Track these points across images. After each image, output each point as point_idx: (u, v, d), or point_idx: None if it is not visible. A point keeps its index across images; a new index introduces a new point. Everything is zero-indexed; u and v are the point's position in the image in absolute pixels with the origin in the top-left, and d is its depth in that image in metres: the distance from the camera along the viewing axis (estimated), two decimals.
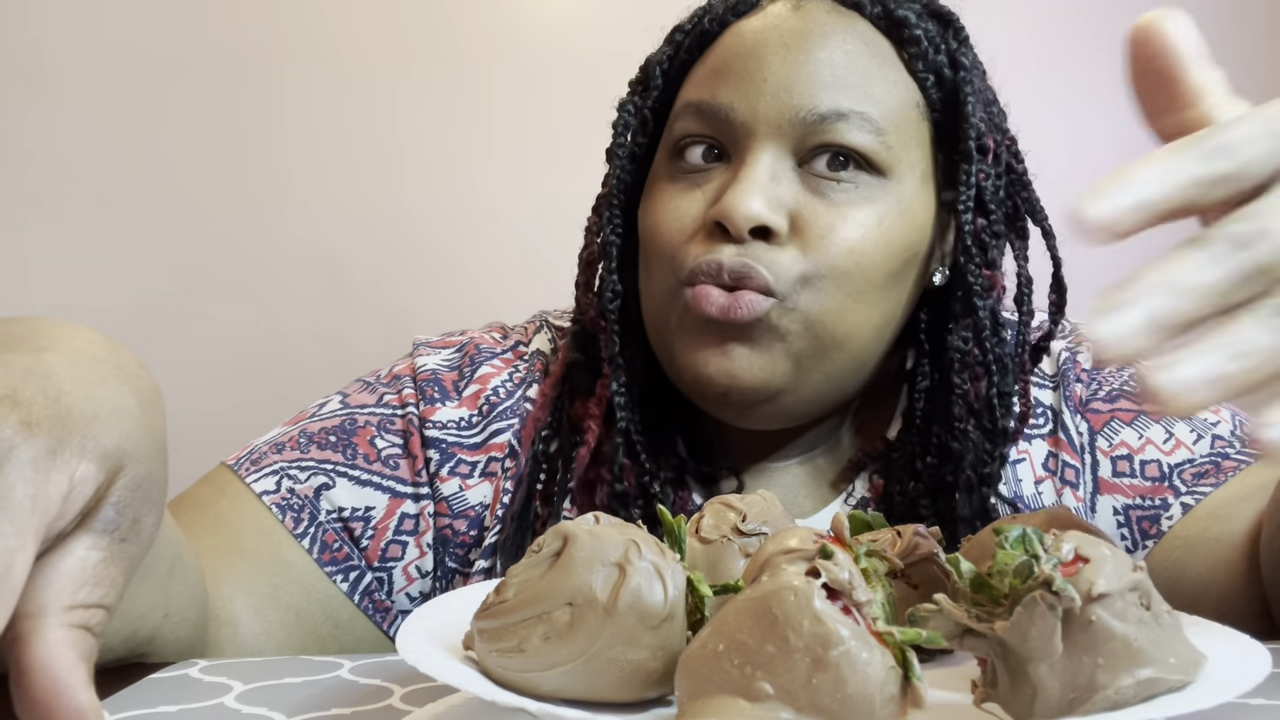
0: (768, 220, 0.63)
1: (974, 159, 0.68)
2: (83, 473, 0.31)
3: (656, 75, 0.72)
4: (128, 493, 0.33)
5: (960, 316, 0.69)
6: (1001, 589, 0.36)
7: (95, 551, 0.31)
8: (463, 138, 1.50)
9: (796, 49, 0.65)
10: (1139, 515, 0.70)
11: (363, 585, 0.69)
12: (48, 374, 0.32)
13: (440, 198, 1.50)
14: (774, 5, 0.69)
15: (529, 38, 1.50)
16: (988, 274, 0.69)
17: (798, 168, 0.65)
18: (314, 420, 0.72)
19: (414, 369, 0.75)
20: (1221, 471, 0.69)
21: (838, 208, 0.65)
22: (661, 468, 0.71)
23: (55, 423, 0.31)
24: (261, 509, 0.67)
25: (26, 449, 0.29)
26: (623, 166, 0.72)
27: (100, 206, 1.48)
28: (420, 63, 1.50)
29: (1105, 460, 0.72)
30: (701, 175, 0.67)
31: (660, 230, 0.67)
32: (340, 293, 1.50)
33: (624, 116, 0.73)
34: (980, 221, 0.69)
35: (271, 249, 1.49)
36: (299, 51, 1.49)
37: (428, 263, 1.50)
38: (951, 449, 0.69)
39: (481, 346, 0.76)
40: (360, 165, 1.50)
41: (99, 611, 0.31)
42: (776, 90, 0.65)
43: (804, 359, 0.65)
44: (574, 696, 0.38)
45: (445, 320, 0.88)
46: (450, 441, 0.72)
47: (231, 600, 0.64)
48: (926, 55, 0.68)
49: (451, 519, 0.71)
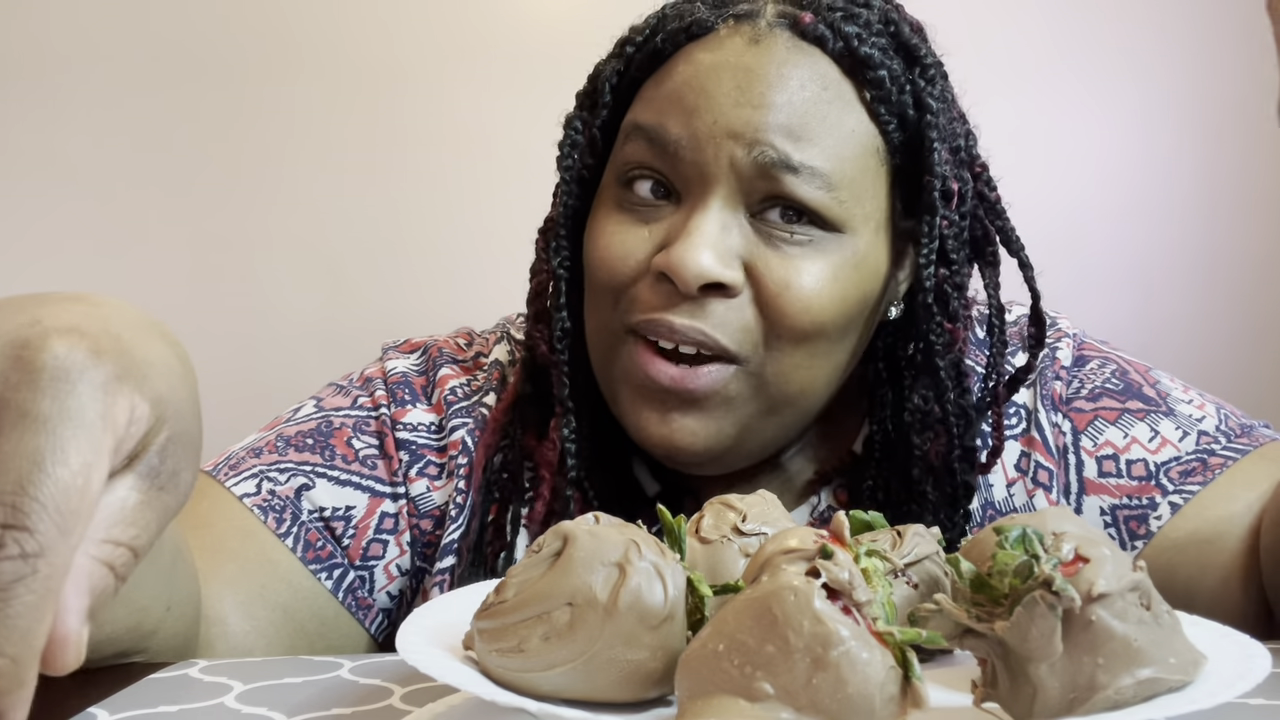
0: (719, 276, 0.61)
1: (937, 210, 0.65)
2: (140, 410, 0.32)
3: (605, 92, 0.68)
4: (171, 444, 0.33)
5: (919, 374, 0.68)
6: (1001, 589, 0.36)
7: (135, 493, 0.32)
8: (461, 138, 1.50)
9: (749, 90, 0.62)
10: (1126, 515, 0.70)
11: (346, 583, 0.69)
12: (106, 319, 0.33)
13: (438, 199, 1.49)
14: (732, 36, 0.65)
15: (527, 38, 1.50)
16: (949, 328, 0.67)
17: (749, 217, 0.63)
18: (290, 424, 0.73)
19: (384, 371, 0.75)
20: (1209, 469, 0.69)
21: (791, 260, 0.62)
22: (614, 504, 0.70)
23: (118, 356, 0.31)
24: (243, 511, 0.67)
25: (97, 372, 0.30)
26: (570, 191, 0.69)
27: (98, 207, 1.48)
28: (418, 63, 1.50)
29: (1090, 460, 0.71)
30: (650, 211, 0.65)
31: (604, 266, 0.65)
32: (338, 293, 1.50)
33: (571, 135, 0.70)
34: (942, 272, 0.66)
35: (269, 250, 1.49)
36: (298, 52, 1.49)
37: (426, 264, 1.50)
38: (910, 509, 0.68)
39: (444, 350, 0.77)
40: (357, 166, 1.50)
41: (127, 551, 0.32)
42: (726, 134, 0.62)
43: (751, 420, 0.65)
44: (574, 696, 0.38)
45: (444, 321, 0.88)
46: (419, 443, 0.73)
47: (220, 599, 0.64)
48: (890, 97, 0.64)
49: (419, 519, 0.72)
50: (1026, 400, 0.73)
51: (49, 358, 0.30)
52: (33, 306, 0.32)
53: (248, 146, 1.49)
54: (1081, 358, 0.75)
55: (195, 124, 1.48)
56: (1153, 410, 0.71)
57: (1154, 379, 0.74)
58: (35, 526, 0.28)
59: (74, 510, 0.28)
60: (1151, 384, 0.73)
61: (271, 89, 1.49)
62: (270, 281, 1.49)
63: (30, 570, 0.27)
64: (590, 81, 0.71)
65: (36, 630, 0.27)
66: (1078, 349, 0.75)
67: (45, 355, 0.30)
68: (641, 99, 0.67)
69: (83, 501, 0.29)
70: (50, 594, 0.28)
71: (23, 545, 0.27)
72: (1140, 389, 0.73)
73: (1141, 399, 0.72)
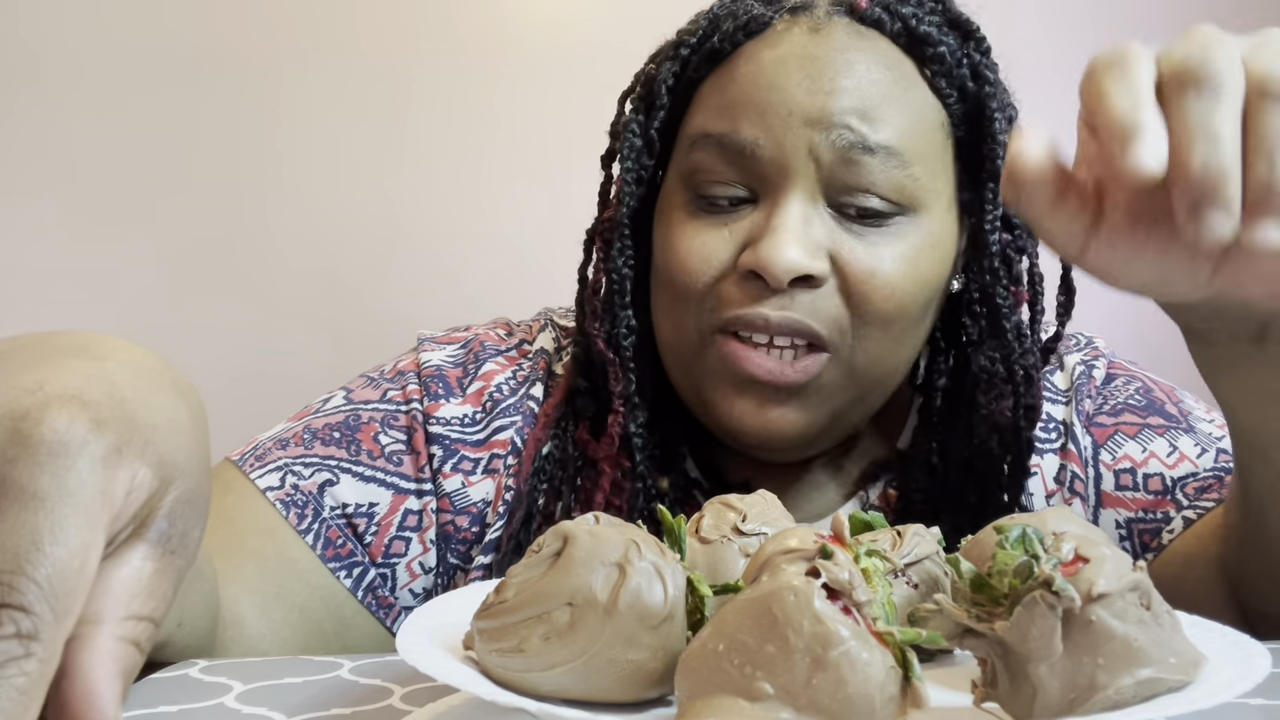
0: (809, 269, 0.62)
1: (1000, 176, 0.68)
2: (141, 477, 0.31)
3: (662, 94, 0.69)
4: (179, 505, 0.33)
5: (987, 336, 0.69)
6: (1001, 589, 0.36)
7: (149, 562, 0.31)
8: (461, 138, 1.50)
9: (819, 79, 0.63)
10: (1140, 529, 0.70)
11: (366, 581, 0.69)
12: (111, 380, 0.32)
13: (439, 199, 1.49)
14: (791, 29, 0.66)
15: (528, 38, 1.50)
16: (1014, 291, 0.69)
17: (828, 207, 0.64)
18: (318, 416, 0.72)
19: (418, 364, 0.75)
20: (1225, 486, 0.68)
21: (873, 247, 0.64)
22: (671, 494, 0.71)
23: (119, 424, 0.31)
24: (266, 505, 0.67)
25: (97, 445, 0.30)
26: (631, 192, 0.70)
27: (97, 206, 1.47)
28: (419, 63, 1.50)
29: (1108, 474, 0.71)
30: (728, 215, 0.66)
31: (687, 268, 0.66)
32: (338, 294, 1.50)
33: (629, 139, 0.70)
34: (1005, 237, 0.69)
35: (270, 250, 1.49)
36: (298, 52, 1.49)
37: (426, 264, 1.50)
38: (974, 466, 0.69)
39: (486, 343, 0.76)
40: (359, 166, 1.50)
41: (149, 625, 0.31)
42: (802, 122, 0.63)
43: (843, 405, 0.66)
44: (574, 696, 0.38)
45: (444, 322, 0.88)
46: (454, 438, 0.72)
47: (237, 600, 0.64)
48: (950, 72, 0.66)
49: (454, 515, 0.71)
50: (1064, 416, 0.74)
51: (48, 431, 0.29)
52: (34, 366, 0.32)
53: (246, 147, 1.49)
54: (1110, 376, 0.76)
55: (193, 125, 1.48)
56: (1173, 426, 0.72)
57: (1178, 398, 0.75)
58: (32, 607, 0.27)
59: (70, 592, 0.28)
60: (1175, 402, 0.74)
61: (272, 88, 1.49)
62: (269, 283, 1.49)
63: (24, 652, 0.27)
64: (644, 86, 0.71)
65: (22, 716, 0.26)
66: (1109, 368, 0.76)
67: (44, 428, 0.29)
68: (704, 104, 0.67)
69: (79, 583, 0.28)
70: (43, 679, 0.27)
71: (18, 625, 0.27)
72: (1163, 406, 0.73)
73: (1163, 415, 0.72)
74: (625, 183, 0.70)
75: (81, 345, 0.34)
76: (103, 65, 1.47)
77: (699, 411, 0.69)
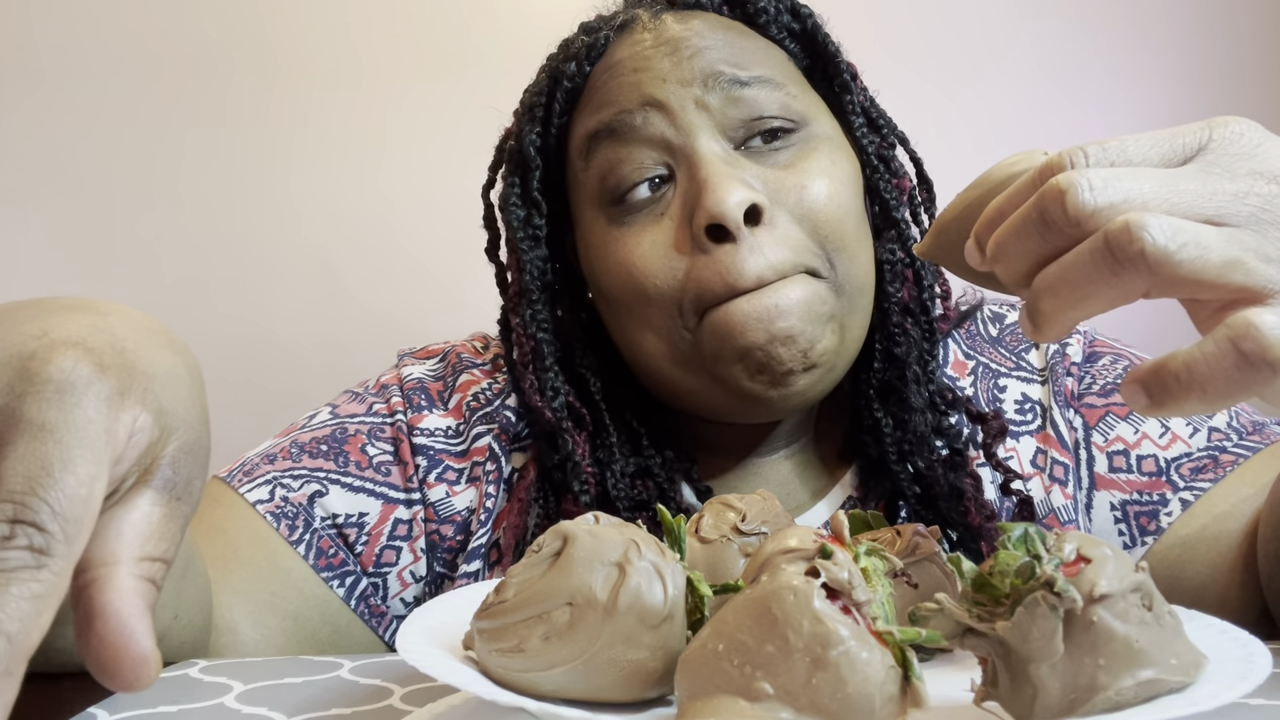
0: (755, 199, 0.63)
1: (852, 88, 0.72)
2: (142, 421, 0.32)
3: (533, 156, 0.71)
4: (181, 454, 0.34)
5: (883, 229, 0.72)
6: (1003, 589, 0.36)
7: (157, 507, 0.33)
8: (459, 142, 1.50)
9: (678, 50, 0.67)
10: (1136, 511, 0.70)
11: (359, 590, 0.69)
12: (112, 331, 0.34)
13: (437, 202, 1.49)
14: (630, 34, 0.70)
15: (525, 42, 1.50)
16: (896, 182, 0.73)
17: (735, 150, 0.67)
18: (304, 431, 0.73)
19: (400, 378, 0.76)
20: (1220, 466, 0.69)
21: (793, 168, 0.66)
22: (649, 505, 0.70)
23: (121, 370, 0.32)
24: (256, 517, 0.67)
25: (101, 386, 0.31)
26: (530, 259, 0.71)
27: (96, 210, 1.48)
28: (417, 67, 1.50)
29: (1101, 456, 0.72)
30: (655, 204, 0.66)
31: (650, 271, 0.65)
32: (337, 297, 1.50)
33: (513, 211, 0.72)
34: (874, 139, 0.73)
35: (268, 253, 1.49)
36: (296, 55, 1.49)
37: (426, 267, 1.50)
38: (895, 354, 0.71)
39: (463, 355, 0.77)
40: (357, 170, 1.50)
41: (162, 565, 0.32)
42: (679, 85, 0.66)
43: (844, 319, 0.66)
44: (574, 696, 0.38)
45: (443, 324, 0.88)
46: (437, 449, 0.73)
47: (231, 608, 0.64)
48: (776, 19, 0.72)
49: (439, 524, 0.72)
50: (1041, 396, 0.74)
51: (54, 370, 0.30)
52: (39, 316, 0.33)
53: (244, 151, 1.49)
54: (1093, 354, 0.76)
55: (192, 128, 1.48)
56: None
57: None
58: (45, 525, 0.28)
59: (78, 519, 0.29)
60: None
61: (272, 89, 1.49)
62: (268, 286, 1.49)
63: (38, 564, 0.28)
64: (510, 156, 0.74)
65: (33, 622, 0.27)
66: (1089, 346, 0.76)
67: (51, 367, 0.30)
68: (581, 121, 0.70)
69: (85, 511, 0.29)
70: (55, 592, 0.28)
71: (31, 539, 0.28)
72: None
73: None
74: (522, 250, 0.71)
75: (83, 304, 0.36)
76: (101, 66, 1.47)
77: (710, 407, 0.68)
